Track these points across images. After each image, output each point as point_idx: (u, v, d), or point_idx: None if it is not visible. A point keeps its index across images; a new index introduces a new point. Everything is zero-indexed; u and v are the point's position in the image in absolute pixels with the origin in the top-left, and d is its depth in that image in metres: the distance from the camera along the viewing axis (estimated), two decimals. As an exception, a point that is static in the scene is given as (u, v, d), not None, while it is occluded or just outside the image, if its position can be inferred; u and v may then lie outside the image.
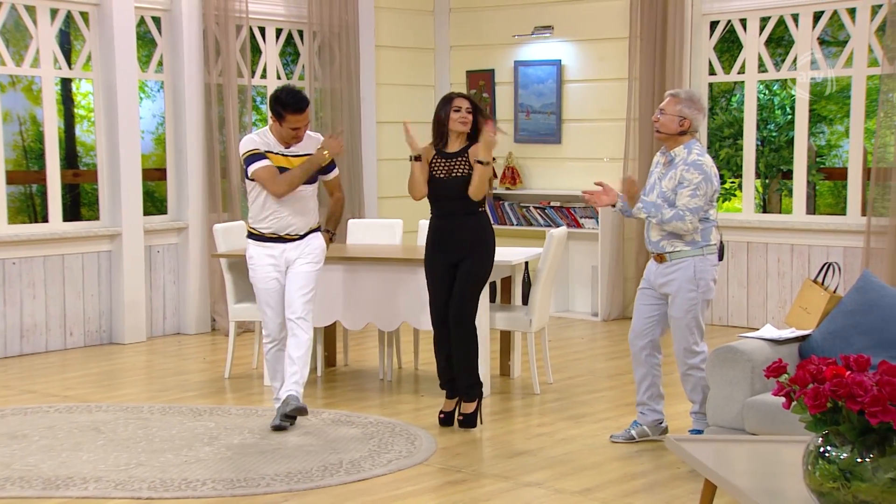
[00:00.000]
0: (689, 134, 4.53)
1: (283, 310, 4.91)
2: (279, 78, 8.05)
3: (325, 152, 4.89)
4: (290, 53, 9.04)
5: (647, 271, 4.67)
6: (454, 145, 4.92)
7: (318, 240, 4.99)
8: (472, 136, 4.91)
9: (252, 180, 4.88)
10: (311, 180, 4.90)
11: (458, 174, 4.86)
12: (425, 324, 5.52)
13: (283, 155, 4.87)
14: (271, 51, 7.98)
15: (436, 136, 4.95)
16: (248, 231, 5.00)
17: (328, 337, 6.30)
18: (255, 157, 4.83)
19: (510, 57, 8.50)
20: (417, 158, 4.91)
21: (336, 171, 5.03)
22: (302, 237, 4.93)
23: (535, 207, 8.26)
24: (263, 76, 7.98)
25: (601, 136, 8.14)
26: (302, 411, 4.79)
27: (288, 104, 4.75)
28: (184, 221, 7.47)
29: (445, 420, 5.03)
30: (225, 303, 7.19)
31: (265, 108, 8.21)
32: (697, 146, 4.53)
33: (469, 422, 4.95)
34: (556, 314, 8.09)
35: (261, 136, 4.89)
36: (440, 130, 4.92)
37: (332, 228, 5.10)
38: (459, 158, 4.89)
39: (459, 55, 8.79)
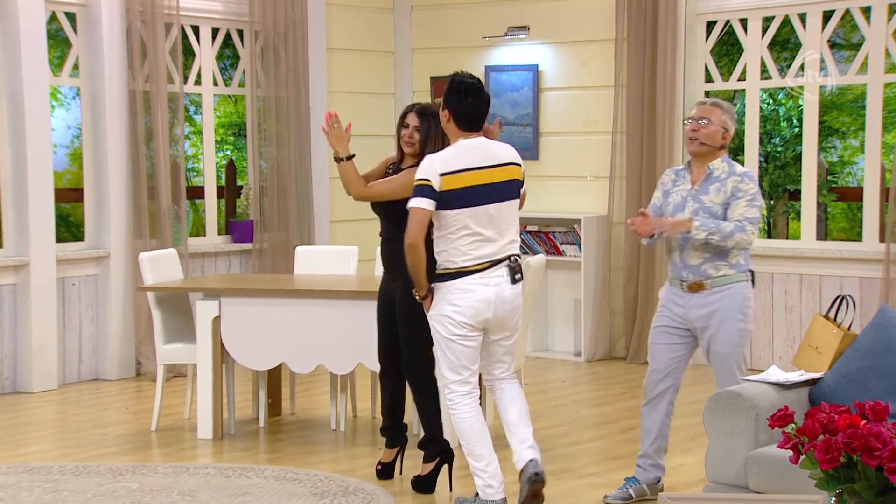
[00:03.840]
0: (724, 148, 4.68)
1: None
2: (216, 84, 8.04)
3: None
4: (228, 56, 9.03)
5: (670, 304, 4.68)
6: (407, 162, 4.99)
7: None
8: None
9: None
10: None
11: None
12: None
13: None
14: (206, 53, 7.97)
15: (397, 150, 5.01)
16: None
17: (272, 382, 6.27)
18: None
19: (480, 61, 8.55)
20: (341, 160, 4.83)
21: (409, 203, 4.48)
22: None
23: (510, 232, 8.27)
24: (198, 82, 7.96)
25: (584, 152, 8.20)
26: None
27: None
28: (104, 249, 7.41)
29: (383, 472, 5.06)
30: (152, 343, 7.12)
31: (199, 119, 8.19)
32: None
33: (422, 485, 4.90)
34: (533, 354, 8.10)
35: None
36: (398, 145, 4.99)
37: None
38: None
39: (423, 59, 8.83)
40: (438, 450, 4.89)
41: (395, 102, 8.85)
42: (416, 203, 4.38)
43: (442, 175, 4.38)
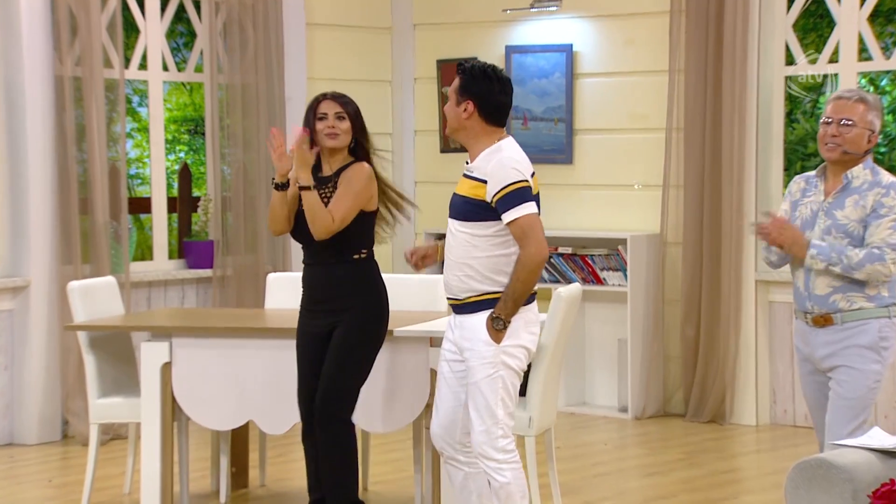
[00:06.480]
0: (869, 153, 4.73)
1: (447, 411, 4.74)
2: (166, 69, 8.05)
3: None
4: (181, 34, 9.05)
5: (798, 342, 4.82)
6: (328, 166, 5.12)
7: (475, 327, 4.57)
8: (358, 152, 5.10)
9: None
10: (469, 216, 4.55)
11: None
12: (375, 424, 5.54)
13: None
14: (154, 30, 7.97)
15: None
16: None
17: (237, 445, 6.26)
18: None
19: (499, 41, 8.55)
20: (280, 187, 5.04)
21: (520, 210, 4.50)
22: (457, 310, 4.64)
23: (537, 256, 8.25)
24: (143, 66, 7.97)
25: (630, 154, 8.18)
26: None
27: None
28: (23, 278, 7.40)
29: None
30: (84, 397, 7.08)
31: (145, 113, 8.20)
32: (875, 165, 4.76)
33: None
34: (566, 409, 8.05)
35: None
36: (311, 146, 5.09)
37: (498, 311, 4.54)
38: (330, 185, 5.05)
39: (427, 38, 8.83)
40: None
41: (392, 91, 8.84)
42: (533, 209, 4.51)
43: (532, 176, 4.55)
